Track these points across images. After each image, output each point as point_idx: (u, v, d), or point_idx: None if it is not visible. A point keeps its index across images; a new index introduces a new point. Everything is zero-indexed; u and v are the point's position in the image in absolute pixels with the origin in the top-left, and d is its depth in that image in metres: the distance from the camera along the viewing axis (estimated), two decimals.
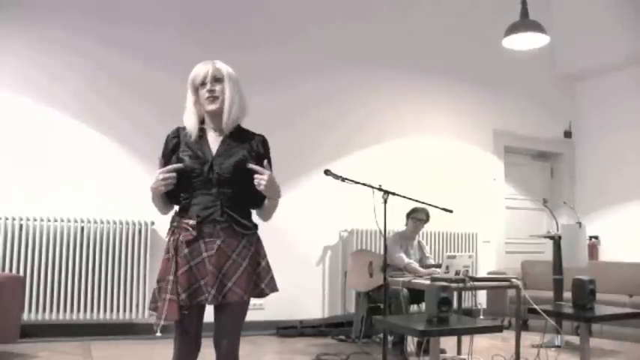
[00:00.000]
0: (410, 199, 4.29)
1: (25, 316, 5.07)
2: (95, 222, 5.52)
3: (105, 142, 5.76)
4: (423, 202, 4.46)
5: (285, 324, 5.98)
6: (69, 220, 5.43)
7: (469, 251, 7.14)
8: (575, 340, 5.32)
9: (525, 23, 5.87)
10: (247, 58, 6.27)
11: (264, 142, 2.50)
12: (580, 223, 5.62)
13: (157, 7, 6.03)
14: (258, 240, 2.45)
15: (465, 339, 4.76)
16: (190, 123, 2.45)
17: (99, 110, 5.73)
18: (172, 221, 2.42)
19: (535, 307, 3.80)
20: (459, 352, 4.88)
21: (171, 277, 2.28)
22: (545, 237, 5.75)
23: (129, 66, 5.86)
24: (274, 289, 2.46)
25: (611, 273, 6.44)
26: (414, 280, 4.80)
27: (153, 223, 5.72)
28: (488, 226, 7.57)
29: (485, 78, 7.61)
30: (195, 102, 2.45)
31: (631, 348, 5.55)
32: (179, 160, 2.39)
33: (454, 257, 4.60)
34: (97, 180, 5.68)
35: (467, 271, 4.52)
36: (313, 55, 6.61)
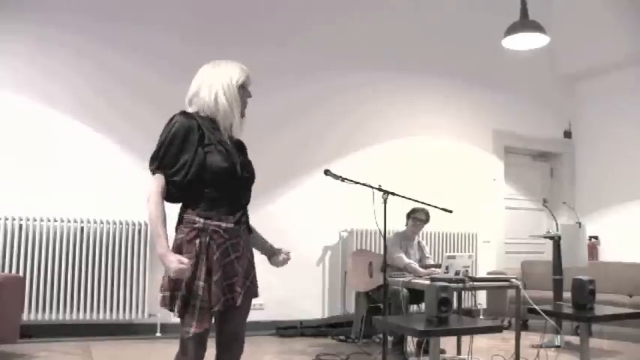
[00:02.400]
0: (410, 199, 4.29)
1: (24, 316, 5.07)
2: (95, 222, 5.52)
3: (105, 142, 5.76)
4: (423, 202, 4.45)
5: (285, 324, 5.99)
6: (69, 220, 5.43)
7: (469, 251, 7.14)
8: (575, 340, 5.33)
9: (525, 23, 5.87)
10: (248, 57, 6.26)
11: (246, 149, 2.55)
12: (580, 223, 5.63)
13: (157, 7, 6.03)
14: None
15: (465, 339, 4.76)
16: (238, 119, 2.39)
17: (98, 110, 5.73)
18: (193, 222, 2.27)
19: (535, 307, 3.80)
20: (458, 352, 4.88)
21: (201, 283, 2.20)
22: (545, 237, 5.74)
23: (129, 66, 5.86)
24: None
25: (611, 273, 6.45)
26: (413, 280, 4.80)
27: None
28: (488, 226, 7.57)
29: (485, 78, 7.61)
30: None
31: (631, 348, 5.55)
32: (207, 156, 2.26)
33: (454, 257, 4.60)
34: (97, 180, 5.68)
35: (467, 271, 4.52)
36: (313, 55, 6.62)
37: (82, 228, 5.47)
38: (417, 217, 5.41)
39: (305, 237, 6.32)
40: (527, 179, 8.36)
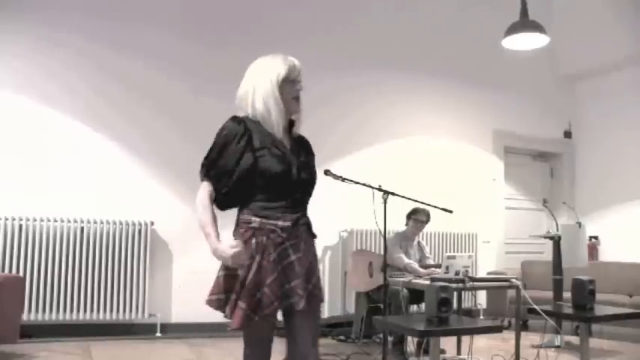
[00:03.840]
0: (410, 199, 4.28)
1: (24, 316, 5.06)
2: (95, 222, 5.52)
3: (105, 142, 5.76)
4: (423, 202, 4.45)
5: None
6: (69, 221, 5.43)
7: (469, 251, 7.14)
8: (575, 340, 5.33)
9: (525, 23, 5.87)
10: (248, 58, 6.27)
11: (310, 144, 2.48)
12: (580, 224, 5.62)
13: (157, 7, 6.03)
14: None
15: (465, 339, 4.76)
16: (280, 118, 2.26)
17: (98, 110, 5.73)
18: (249, 223, 2.21)
19: (535, 307, 3.80)
20: (458, 353, 4.88)
21: (249, 285, 2.13)
22: (545, 237, 5.74)
23: (129, 66, 5.86)
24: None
25: (611, 273, 6.45)
26: (413, 281, 4.80)
27: (152, 223, 5.72)
28: (488, 226, 7.57)
29: (485, 78, 7.60)
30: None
31: (631, 348, 5.55)
32: (257, 160, 2.19)
33: (454, 257, 4.60)
34: (97, 180, 5.68)
35: (467, 271, 4.52)
36: (314, 55, 6.57)
37: (82, 228, 5.46)
38: (418, 218, 5.41)
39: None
40: (527, 179, 8.36)
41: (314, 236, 2.36)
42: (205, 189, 2.25)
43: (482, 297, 6.99)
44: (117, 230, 5.58)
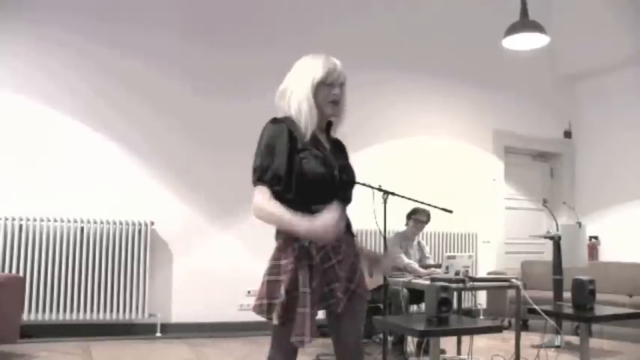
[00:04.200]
0: (410, 199, 4.29)
1: (24, 316, 5.06)
2: (95, 222, 5.52)
3: (104, 142, 5.76)
4: (423, 203, 4.45)
5: None
6: (69, 221, 5.43)
7: (469, 251, 7.14)
8: (575, 340, 5.33)
9: (525, 23, 5.87)
10: (247, 58, 6.29)
11: (346, 148, 2.49)
12: (580, 224, 5.63)
13: (157, 7, 6.03)
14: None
15: (465, 339, 4.76)
16: (314, 120, 2.23)
17: (98, 110, 5.73)
18: None
19: (535, 307, 3.80)
20: (458, 353, 4.88)
21: (307, 290, 2.09)
22: (545, 237, 5.75)
23: (128, 66, 5.86)
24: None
25: (611, 273, 6.45)
26: (413, 281, 4.80)
27: (152, 224, 5.72)
28: (488, 226, 7.57)
29: (485, 78, 7.60)
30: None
31: (631, 348, 5.55)
32: (302, 162, 2.16)
33: (454, 257, 4.60)
34: (97, 180, 5.68)
35: (467, 271, 4.52)
36: (310, 53, 6.57)
37: (82, 228, 5.46)
38: (418, 219, 5.41)
39: None
40: (527, 179, 8.36)
41: (354, 236, 2.35)
42: (263, 193, 2.17)
43: (482, 297, 6.99)
44: (117, 230, 5.58)
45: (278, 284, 2.13)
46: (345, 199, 2.29)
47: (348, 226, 2.32)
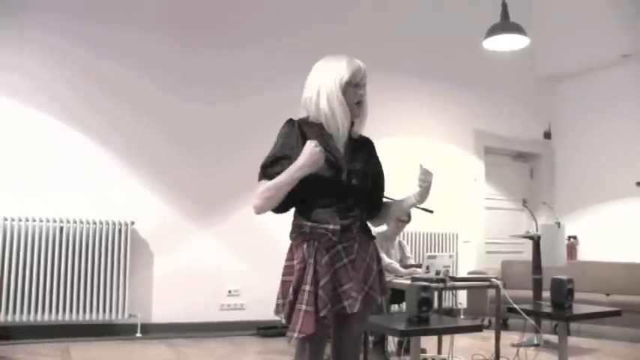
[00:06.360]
0: (391, 199, 4.29)
1: (2, 317, 5.02)
2: (74, 222, 5.46)
3: (84, 141, 5.71)
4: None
5: (266, 324, 5.97)
6: (47, 220, 5.37)
7: (449, 251, 7.18)
8: (553, 338, 5.37)
9: (506, 25, 5.91)
10: (233, 59, 6.28)
11: (373, 146, 2.49)
12: (559, 223, 5.68)
13: (136, 8, 5.99)
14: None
15: (446, 338, 4.78)
16: (347, 122, 2.26)
17: (76, 110, 5.68)
18: (300, 227, 2.21)
19: (514, 306, 3.83)
20: (439, 352, 4.91)
21: (307, 287, 2.10)
22: (525, 237, 5.80)
23: (107, 66, 5.81)
24: (387, 290, 2.41)
25: (589, 272, 6.52)
26: (394, 280, 4.81)
27: (133, 223, 5.68)
28: (468, 226, 7.62)
29: (466, 79, 7.65)
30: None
31: (607, 345, 5.63)
32: None
33: (434, 257, 4.62)
34: (76, 179, 5.63)
35: (447, 271, 4.54)
36: (298, 56, 6.50)
37: (61, 228, 5.41)
38: (400, 218, 5.42)
39: (287, 236, 6.30)
40: (508, 179, 8.43)
41: (372, 237, 2.34)
42: (260, 185, 2.19)
43: (462, 296, 7.02)
44: (97, 230, 5.54)
45: (289, 284, 2.18)
46: (357, 203, 2.27)
47: (365, 228, 2.32)
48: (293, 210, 2.28)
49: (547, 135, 8.62)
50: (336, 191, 2.21)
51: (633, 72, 7.55)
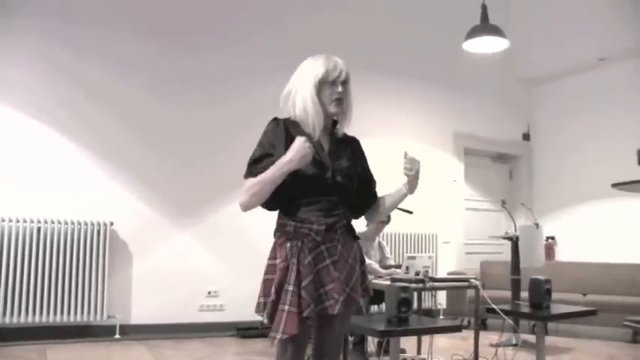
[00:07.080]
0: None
1: None
2: (52, 222, 5.40)
3: (62, 142, 5.65)
4: None
5: (246, 325, 5.95)
6: (24, 221, 5.30)
7: (429, 252, 7.22)
8: (531, 338, 5.42)
9: (485, 27, 5.96)
10: (211, 63, 6.25)
11: (359, 145, 2.50)
12: (537, 224, 5.72)
13: (116, 10, 5.95)
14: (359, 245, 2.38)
15: (425, 339, 4.81)
16: (320, 119, 2.24)
17: (54, 110, 5.62)
18: (284, 226, 2.21)
19: (493, 306, 3.86)
20: (419, 352, 4.93)
21: (290, 288, 2.10)
22: (504, 238, 5.84)
23: (84, 67, 5.76)
24: (370, 292, 2.42)
25: (566, 273, 6.60)
26: (374, 281, 4.82)
27: (112, 224, 5.64)
28: (448, 226, 7.67)
29: (445, 80, 7.70)
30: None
31: (584, 344, 5.70)
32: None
33: (414, 258, 4.63)
34: (54, 180, 5.57)
35: (427, 271, 4.55)
36: (277, 57, 6.50)
37: (38, 228, 5.35)
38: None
39: (267, 237, 6.29)
40: (487, 180, 8.49)
41: (356, 238, 2.34)
42: (247, 181, 2.20)
43: (442, 297, 7.07)
44: (75, 230, 5.48)
45: (271, 283, 2.17)
46: (342, 201, 2.28)
47: (349, 228, 2.32)
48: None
49: (526, 136, 8.70)
50: (321, 189, 2.22)
51: (609, 75, 7.65)
